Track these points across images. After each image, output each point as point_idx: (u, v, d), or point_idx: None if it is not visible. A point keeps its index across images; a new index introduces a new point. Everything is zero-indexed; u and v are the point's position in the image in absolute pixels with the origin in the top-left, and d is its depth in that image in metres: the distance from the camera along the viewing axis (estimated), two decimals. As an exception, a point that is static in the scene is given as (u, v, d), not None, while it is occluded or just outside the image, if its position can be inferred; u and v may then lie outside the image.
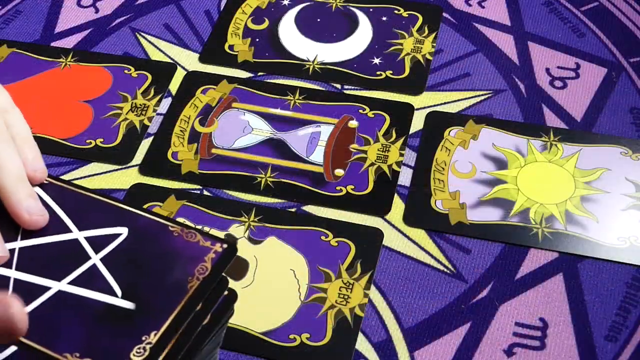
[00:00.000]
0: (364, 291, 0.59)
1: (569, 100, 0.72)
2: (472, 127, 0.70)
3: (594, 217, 0.63)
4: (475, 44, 0.77)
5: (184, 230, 0.47)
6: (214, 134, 0.70)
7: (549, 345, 0.56)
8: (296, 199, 0.65)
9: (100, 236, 0.48)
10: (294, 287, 0.59)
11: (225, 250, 0.46)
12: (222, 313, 0.46)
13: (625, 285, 0.59)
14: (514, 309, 0.58)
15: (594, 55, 0.76)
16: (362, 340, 0.57)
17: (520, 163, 0.67)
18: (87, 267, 0.46)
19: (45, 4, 0.83)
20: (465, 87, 0.73)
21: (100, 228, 0.48)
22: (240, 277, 0.60)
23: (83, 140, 0.70)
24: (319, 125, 0.70)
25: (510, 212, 0.63)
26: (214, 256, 0.46)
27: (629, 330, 0.57)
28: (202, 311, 0.45)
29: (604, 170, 0.66)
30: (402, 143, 0.69)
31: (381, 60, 0.76)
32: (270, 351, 0.56)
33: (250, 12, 0.81)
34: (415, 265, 0.61)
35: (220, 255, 0.46)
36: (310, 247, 0.62)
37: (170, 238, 0.47)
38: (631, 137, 0.69)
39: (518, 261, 0.61)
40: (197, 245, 0.47)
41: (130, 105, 0.73)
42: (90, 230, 0.48)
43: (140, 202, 0.65)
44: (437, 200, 0.65)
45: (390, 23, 0.79)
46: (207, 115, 0.71)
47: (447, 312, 0.58)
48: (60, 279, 0.46)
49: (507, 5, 0.81)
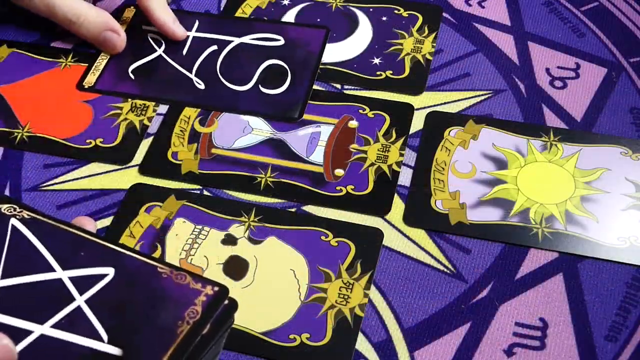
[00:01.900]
0: (364, 291, 0.59)
1: (569, 100, 0.72)
2: (472, 127, 0.70)
3: (594, 217, 0.63)
4: (475, 44, 0.77)
5: (174, 272, 0.45)
6: (214, 134, 0.70)
7: (549, 345, 0.56)
8: (296, 199, 0.65)
9: (86, 276, 0.45)
10: (294, 287, 0.59)
11: (216, 292, 0.45)
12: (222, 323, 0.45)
13: (625, 285, 0.59)
14: (514, 309, 0.58)
15: (594, 55, 0.76)
16: (362, 340, 0.57)
17: (520, 163, 0.67)
18: (71, 309, 0.44)
19: (45, 4, 0.83)
20: (465, 87, 0.73)
21: (86, 268, 0.46)
22: (240, 277, 0.60)
23: (83, 140, 0.70)
24: (319, 125, 0.70)
25: (510, 212, 0.63)
26: (205, 299, 0.44)
27: (629, 330, 0.57)
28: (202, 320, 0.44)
29: (604, 170, 0.66)
30: (402, 143, 0.69)
31: (381, 60, 0.76)
32: (270, 351, 0.56)
33: (250, 12, 0.81)
34: (415, 265, 0.61)
35: (212, 298, 0.44)
36: (310, 247, 0.62)
37: (159, 280, 0.45)
38: (631, 137, 0.69)
39: (518, 261, 0.61)
40: (187, 287, 0.45)
41: (130, 105, 0.73)
42: (75, 269, 0.46)
43: (140, 202, 0.65)
44: (437, 200, 0.65)
45: (390, 23, 0.79)
46: (207, 115, 0.72)
47: (447, 312, 0.58)
48: (43, 322, 0.43)
49: (507, 5, 0.81)
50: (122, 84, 0.74)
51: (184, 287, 0.45)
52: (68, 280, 0.45)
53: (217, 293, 0.45)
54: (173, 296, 0.44)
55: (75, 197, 0.66)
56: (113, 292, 0.45)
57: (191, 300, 0.44)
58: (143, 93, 0.73)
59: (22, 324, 0.43)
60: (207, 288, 0.45)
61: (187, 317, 0.44)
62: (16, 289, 0.45)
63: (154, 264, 0.46)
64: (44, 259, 0.46)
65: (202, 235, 0.63)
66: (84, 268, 0.46)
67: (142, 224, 0.64)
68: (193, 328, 0.43)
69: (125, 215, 0.65)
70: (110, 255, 0.47)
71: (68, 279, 0.45)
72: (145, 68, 0.75)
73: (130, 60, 0.76)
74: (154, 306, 0.44)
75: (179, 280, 0.45)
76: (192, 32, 0.78)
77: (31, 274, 0.45)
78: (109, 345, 0.42)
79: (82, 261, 0.46)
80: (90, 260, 0.46)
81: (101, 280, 0.45)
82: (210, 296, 0.45)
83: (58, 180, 0.68)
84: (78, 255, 0.47)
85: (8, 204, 0.51)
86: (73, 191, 0.67)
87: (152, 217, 0.64)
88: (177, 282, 0.45)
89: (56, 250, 0.47)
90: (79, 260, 0.46)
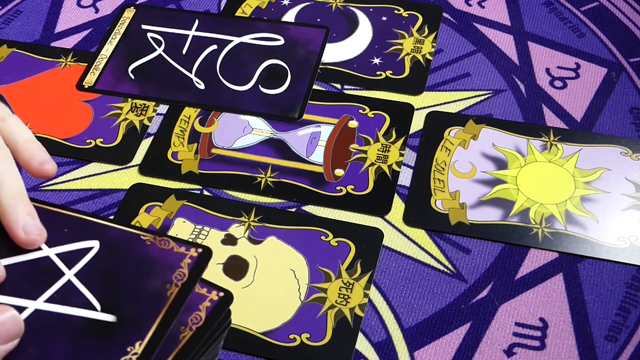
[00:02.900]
0: (364, 291, 0.59)
1: (569, 100, 0.72)
2: (472, 127, 0.70)
3: (594, 217, 0.63)
4: (475, 44, 0.77)
5: (157, 238, 0.46)
6: (214, 134, 0.70)
7: (549, 345, 0.56)
8: (296, 199, 0.65)
9: (72, 251, 0.46)
10: (294, 287, 0.59)
11: (200, 254, 0.46)
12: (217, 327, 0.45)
13: (625, 285, 0.59)
14: (514, 309, 0.58)
15: (594, 55, 0.76)
16: (362, 340, 0.57)
17: (520, 163, 0.67)
18: (62, 283, 0.45)
19: (45, 4, 0.83)
20: (465, 87, 0.73)
21: (71, 243, 0.46)
22: (240, 277, 0.60)
23: (83, 140, 0.70)
24: (319, 125, 0.70)
25: (510, 212, 0.63)
26: (190, 261, 0.45)
27: (629, 330, 0.57)
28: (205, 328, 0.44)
29: (604, 170, 0.66)
30: (402, 143, 0.69)
31: (381, 60, 0.76)
32: (270, 351, 0.56)
33: (250, 12, 0.81)
34: (415, 265, 0.61)
35: (197, 260, 0.45)
36: (310, 247, 0.62)
37: (143, 247, 0.46)
38: (631, 137, 0.69)
39: (518, 261, 0.61)
40: (171, 252, 0.46)
41: (130, 105, 0.73)
42: (61, 246, 0.46)
43: (140, 202, 0.65)
44: (437, 200, 0.65)
45: (390, 23, 0.79)
46: (207, 115, 0.72)
47: (447, 312, 0.58)
48: (35, 297, 0.44)
49: (507, 5, 0.81)
50: (122, 84, 0.74)
51: (168, 252, 0.46)
52: (56, 257, 0.46)
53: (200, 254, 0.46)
54: (159, 261, 0.46)
55: (75, 197, 0.66)
56: (100, 263, 0.46)
57: (177, 263, 0.46)
58: (143, 93, 0.73)
59: (16, 301, 0.44)
60: (190, 250, 0.46)
61: (175, 280, 0.45)
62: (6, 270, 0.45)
63: (136, 232, 0.47)
64: None
65: (202, 235, 0.63)
66: (69, 244, 0.47)
67: (142, 223, 0.64)
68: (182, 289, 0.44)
69: (125, 215, 0.65)
70: (93, 228, 0.48)
71: (55, 255, 0.46)
72: (145, 68, 0.75)
73: (130, 60, 0.76)
74: (142, 272, 0.45)
75: (163, 246, 0.47)
76: (192, 32, 0.78)
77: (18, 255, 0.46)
78: (102, 313, 0.44)
79: (66, 237, 0.47)
80: (74, 235, 0.47)
81: (87, 253, 0.46)
82: (195, 258, 0.46)
83: (58, 180, 0.68)
84: (62, 232, 0.47)
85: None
86: (73, 191, 0.67)
87: (152, 217, 0.64)
88: (161, 248, 0.46)
89: None
90: (63, 237, 0.47)
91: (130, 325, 0.43)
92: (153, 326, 0.43)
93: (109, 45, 0.77)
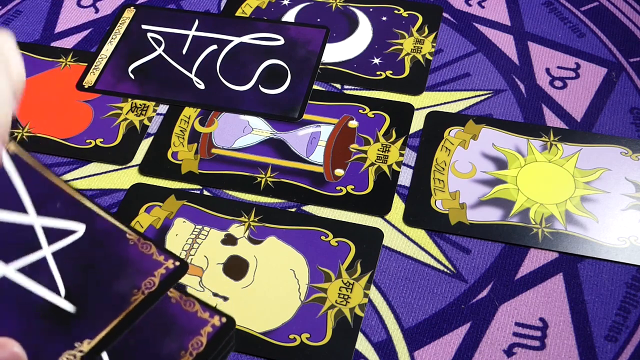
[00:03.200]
0: (364, 291, 0.59)
1: (569, 100, 0.72)
2: (472, 127, 0.70)
3: (594, 217, 0.63)
4: (475, 44, 0.77)
5: (140, 240, 0.45)
6: (214, 134, 0.70)
7: (549, 345, 0.56)
8: (296, 199, 0.65)
9: (56, 228, 0.45)
10: (294, 287, 0.59)
11: (176, 267, 0.45)
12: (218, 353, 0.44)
13: (625, 285, 0.59)
14: (514, 309, 0.58)
15: (594, 55, 0.76)
16: (362, 340, 0.57)
17: (520, 163, 0.67)
18: (36, 257, 0.44)
19: (45, 4, 0.83)
20: (465, 87, 0.73)
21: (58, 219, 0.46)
22: (240, 277, 0.60)
23: (83, 140, 0.70)
24: (319, 125, 0.70)
25: (510, 212, 0.63)
26: (164, 272, 0.44)
27: (629, 330, 0.57)
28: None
29: (604, 170, 0.66)
30: (402, 143, 0.69)
31: (381, 60, 0.76)
32: (270, 351, 0.56)
33: (250, 12, 0.81)
34: (415, 265, 0.61)
35: (170, 272, 0.44)
36: (310, 247, 0.62)
37: (125, 246, 0.45)
38: (631, 137, 0.69)
39: (518, 261, 0.61)
40: (149, 257, 0.45)
41: (130, 105, 0.73)
42: (48, 218, 0.46)
43: (141, 202, 0.65)
44: (437, 200, 0.65)
45: (390, 23, 0.79)
46: (207, 115, 0.72)
47: (447, 312, 0.58)
48: (7, 262, 0.43)
49: (507, 5, 0.81)
50: (122, 84, 0.74)
51: (147, 257, 0.45)
52: (39, 228, 0.45)
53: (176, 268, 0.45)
54: (134, 264, 0.45)
55: (75, 197, 0.66)
56: (79, 249, 0.45)
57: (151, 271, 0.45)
58: (143, 93, 0.73)
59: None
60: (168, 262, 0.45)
61: (144, 287, 0.44)
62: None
63: (123, 228, 0.46)
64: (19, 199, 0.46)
65: (202, 235, 0.63)
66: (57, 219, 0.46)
67: (142, 223, 0.64)
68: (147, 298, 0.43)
69: (125, 215, 0.65)
70: (85, 212, 0.47)
71: (40, 226, 0.45)
72: (145, 68, 0.75)
73: (130, 60, 0.76)
74: (115, 270, 0.44)
75: (144, 250, 0.46)
76: (192, 32, 0.78)
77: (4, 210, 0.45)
78: (64, 301, 0.43)
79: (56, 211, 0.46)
80: (65, 212, 0.46)
81: (70, 235, 0.46)
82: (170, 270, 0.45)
83: (58, 180, 0.68)
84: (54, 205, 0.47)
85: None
86: (73, 191, 0.67)
87: (152, 217, 0.64)
88: (142, 251, 0.46)
89: (34, 194, 0.47)
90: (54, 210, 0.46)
91: (85, 320, 0.42)
92: (106, 328, 0.42)
93: (109, 45, 0.77)
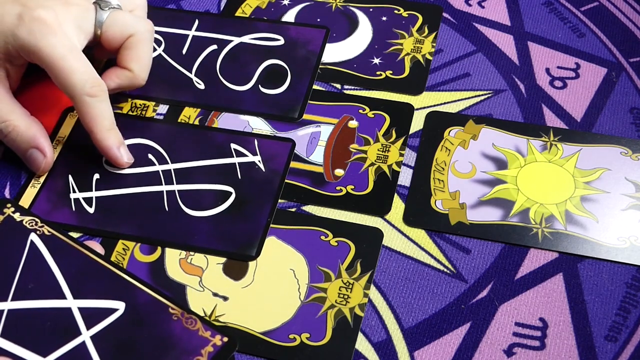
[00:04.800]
0: (364, 291, 0.59)
1: (569, 100, 0.72)
2: (472, 127, 0.70)
3: (594, 217, 0.63)
4: (475, 44, 0.77)
5: (184, 315, 0.44)
6: (214, 134, 0.70)
7: (549, 345, 0.56)
8: (296, 199, 0.65)
9: (95, 309, 0.44)
10: (294, 287, 0.59)
11: (225, 344, 0.43)
12: None
13: (625, 285, 0.59)
14: (514, 309, 0.58)
15: (594, 55, 0.76)
16: (362, 340, 0.57)
17: (520, 163, 0.67)
18: (75, 344, 0.43)
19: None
20: (465, 87, 0.73)
21: (97, 299, 0.44)
22: (240, 277, 0.60)
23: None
24: (318, 125, 0.70)
25: (510, 212, 0.63)
26: (212, 350, 0.43)
27: (629, 330, 0.57)
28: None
29: (604, 170, 0.66)
30: (402, 143, 0.69)
31: (381, 60, 0.76)
32: (270, 351, 0.56)
33: (250, 12, 0.81)
34: (415, 265, 0.61)
35: (218, 350, 0.43)
36: (310, 247, 0.62)
37: (168, 322, 0.44)
38: (631, 137, 0.69)
39: (518, 261, 0.61)
40: (195, 334, 0.43)
41: (130, 105, 0.73)
42: (86, 300, 0.45)
43: (140, 202, 0.65)
44: (437, 200, 0.65)
45: (390, 23, 0.79)
46: (207, 115, 0.72)
47: (447, 312, 0.58)
48: (46, 354, 0.42)
49: (507, 5, 0.81)
50: (122, 83, 0.74)
51: (192, 334, 0.44)
52: (77, 311, 0.44)
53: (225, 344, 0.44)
54: (180, 343, 0.43)
55: (75, 197, 0.66)
56: (120, 330, 0.44)
57: (198, 349, 0.43)
58: (143, 93, 0.73)
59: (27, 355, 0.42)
60: (215, 338, 0.44)
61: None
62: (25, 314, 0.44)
63: (165, 302, 0.45)
64: (57, 282, 0.45)
65: (202, 235, 0.63)
66: (95, 299, 0.45)
67: (142, 223, 0.64)
68: None
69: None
70: (124, 287, 0.46)
71: (77, 309, 0.44)
72: (145, 68, 0.75)
73: (130, 60, 0.76)
74: (159, 351, 0.43)
75: (189, 325, 0.44)
76: (192, 32, 0.78)
77: (42, 299, 0.44)
78: None
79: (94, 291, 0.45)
80: (103, 290, 0.45)
81: (110, 315, 0.44)
82: (218, 347, 0.44)
83: (58, 180, 0.68)
84: (91, 283, 0.46)
85: (30, 216, 0.51)
86: (73, 191, 0.67)
87: (152, 217, 0.64)
88: (187, 327, 0.44)
89: (70, 275, 0.46)
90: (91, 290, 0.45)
91: None
92: None
93: (109, 45, 0.77)
